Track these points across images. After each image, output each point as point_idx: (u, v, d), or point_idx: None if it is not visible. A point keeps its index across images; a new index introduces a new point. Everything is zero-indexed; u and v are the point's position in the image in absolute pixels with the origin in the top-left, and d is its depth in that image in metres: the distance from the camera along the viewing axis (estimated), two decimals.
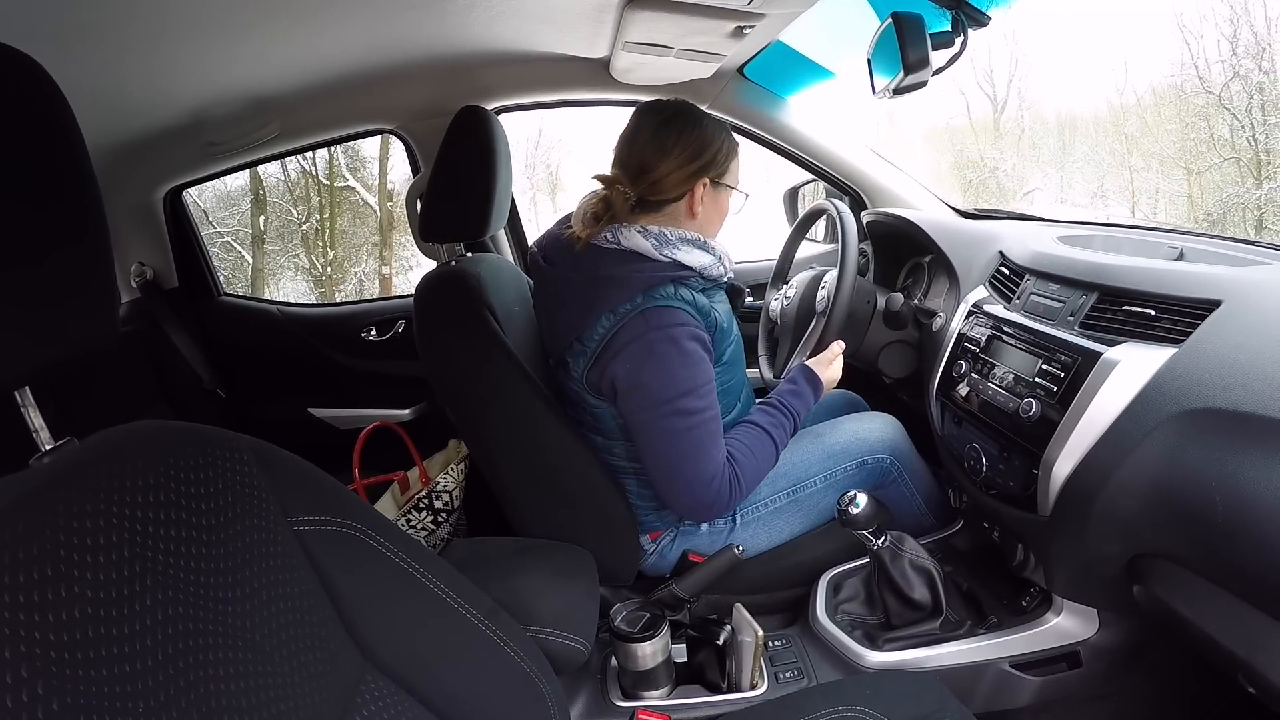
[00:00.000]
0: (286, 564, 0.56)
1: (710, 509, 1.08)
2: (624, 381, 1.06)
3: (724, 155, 1.14)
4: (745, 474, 1.09)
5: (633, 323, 1.05)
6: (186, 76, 1.41)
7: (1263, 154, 7.64)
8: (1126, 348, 0.89)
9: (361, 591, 0.61)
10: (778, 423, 1.16)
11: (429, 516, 1.60)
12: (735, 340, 1.18)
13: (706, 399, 1.06)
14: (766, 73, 1.65)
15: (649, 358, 1.04)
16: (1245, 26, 7.54)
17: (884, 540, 1.07)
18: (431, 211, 1.25)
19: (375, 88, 1.70)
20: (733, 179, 1.17)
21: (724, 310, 1.15)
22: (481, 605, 0.73)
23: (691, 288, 1.09)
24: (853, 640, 1.10)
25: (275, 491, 0.58)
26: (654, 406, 1.05)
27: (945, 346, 1.23)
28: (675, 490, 1.08)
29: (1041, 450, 0.95)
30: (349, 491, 0.66)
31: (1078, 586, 1.04)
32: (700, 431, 1.05)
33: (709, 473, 1.06)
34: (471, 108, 1.24)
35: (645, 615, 1.02)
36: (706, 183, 1.13)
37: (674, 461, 1.06)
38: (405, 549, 0.66)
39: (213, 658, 0.48)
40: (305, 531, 0.59)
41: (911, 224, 1.40)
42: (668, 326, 1.04)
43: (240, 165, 1.90)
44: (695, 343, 1.06)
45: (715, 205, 1.16)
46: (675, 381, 1.04)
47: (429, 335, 1.18)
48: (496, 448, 1.17)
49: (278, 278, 8.39)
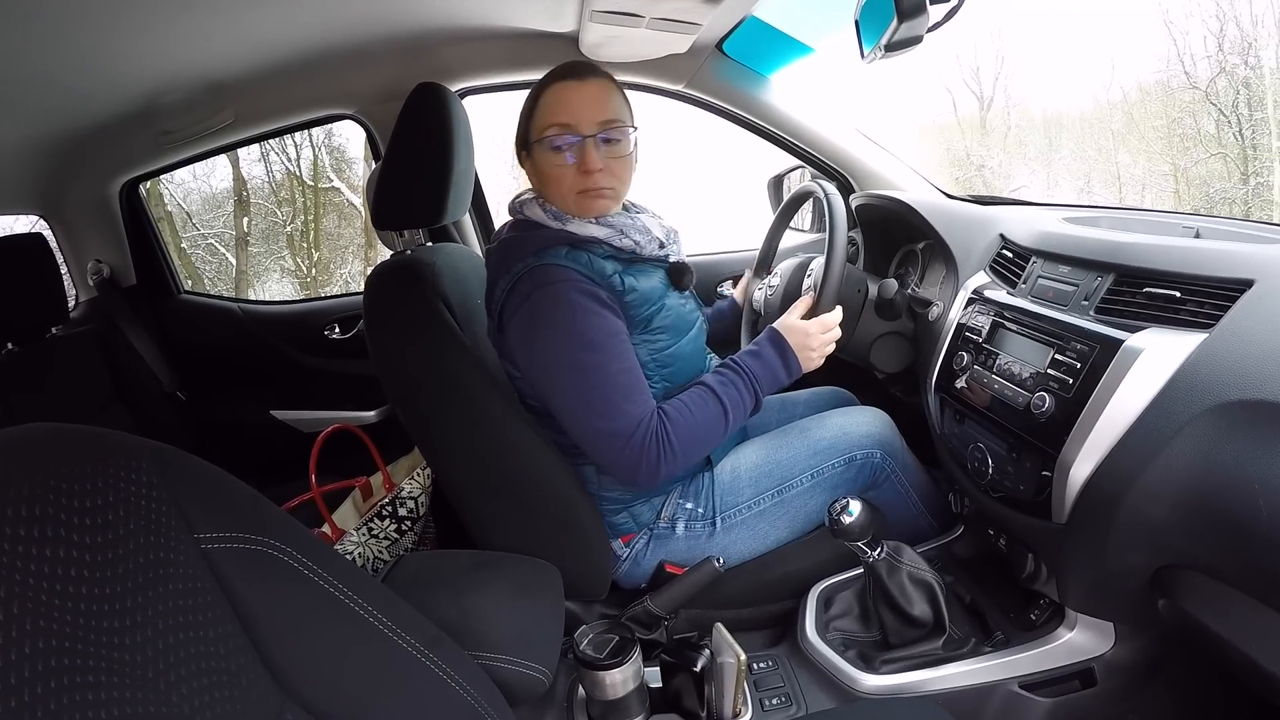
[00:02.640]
0: (191, 588, 0.50)
1: (637, 469, 0.98)
2: (519, 346, 1.02)
3: (524, 115, 1.08)
4: (678, 430, 1.00)
5: (521, 283, 1.00)
6: (135, 60, 1.36)
7: (1249, 149, 7.69)
8: (1150, 334, 0.81)
9: (281, 619, 0.55)
10: (726, 381, 1.05)
11: (392, 525, 1.51)
12: (664, 309, 1.09)
13: (609, 352, 0.99)
14: (747, 49, 1.55)
15: (536, 317, 0.99)
16: (1231, 22, 7.58)
17: (879, 552, 0.97)
18: (384, 197, 1.16)
19: (332, 69, 1.63)
20: (535, 130, 1.06)
21: (648, 282, 1.08)
22: (421, 632, 0.66)
23: (594, 253, 1.04)
24: (846, 662, 1.00)
25: (179, 505, 0.52)
26: (551, 366, 1.00)
27: (944, 337, 1.13)
28: (595, 450, 1.01)
29: (1056, 450, 0.85)
30: (269, 504, 0.59)
31: (1094, 599, 0.95)
32: (606, 386, 0.98)
33: (623, 427, 0.98)
34: (428, 84, 1.14)
35: (614, 638, 0.91)
36: (524, 155, 1.10)
37: (585, 419, 0.99)
38: (333, 570, 0.59)
39: (97, 698, 0.42)
40: (215, 551, 0.52)
41: (905, 206, 1.30)
42: (552, 283, 0.99)
43: (196, 155, 1.84)
44: (585, 296, 0.99)
45: (534, 173, 1.09)
46: (565, 335, 0.98)
47: (377, 330, 1.08)
48: (451, 452, 1.07)
49: (263, 280, 8.40)
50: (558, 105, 1.04)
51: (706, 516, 1.14)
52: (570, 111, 1.03)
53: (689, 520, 1.14)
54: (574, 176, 1.04)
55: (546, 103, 1.04)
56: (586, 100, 1.03)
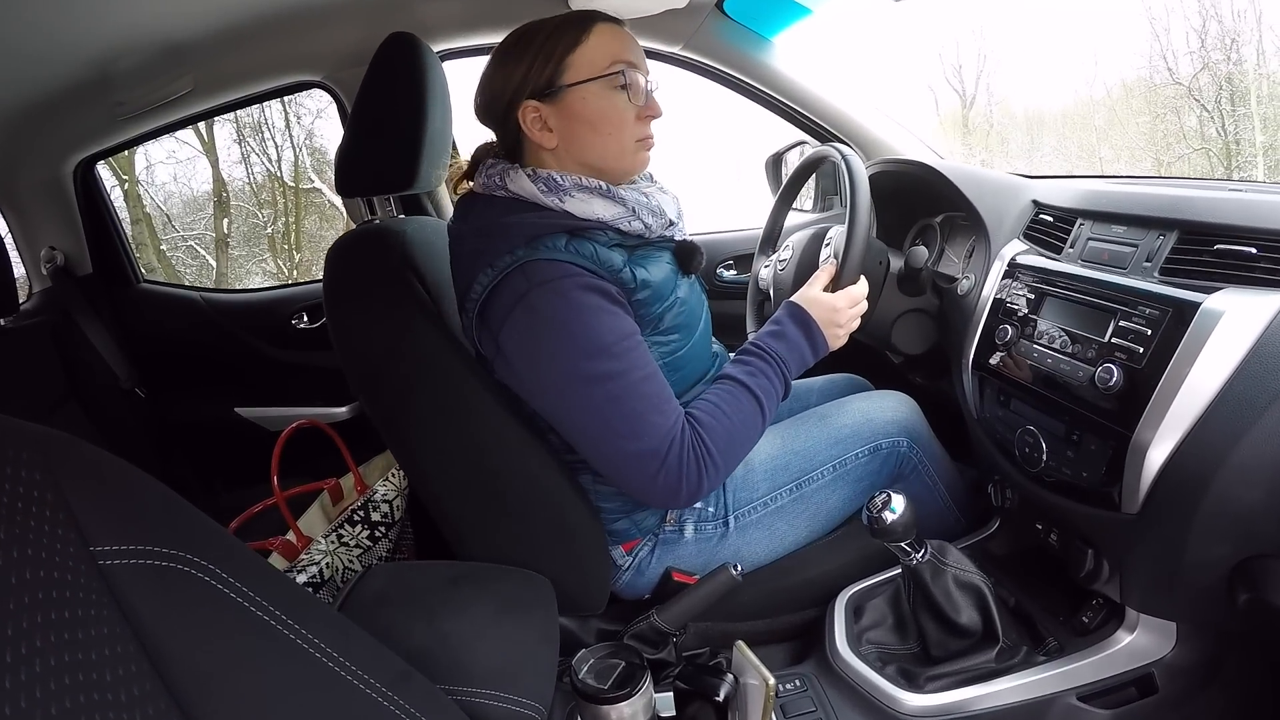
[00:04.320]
0: (85, 615, 0.40)
1: (677, 491, 0.85)
2: (518, 357, 0.86)
3: (544, 58, 0.88)
4: (715, 437, 0.86)
5: (511, 279, 0.84)
6: (86, 21, 1.26)
7: (1232, 144, 7.73)
8: (1227, 294, 0.73)
9: (201, 656, 0.45)
10: (754, 370, 0.92)
11: (364, 531, 1.38)
12: (678, 304, 0.94)
13: (626, 358, 0.84)
14: (748, 9, 1.44)
15: (536, 322, 0.83)
16: (1214, 19, 7.62)
17: (924, 553, 0.85)
18: (349, 160, 1.04)
19: (297, 30, 1.52)
20: (583, 70, 0.88)
21: (659, 271, 0.93)
22: (384, 669, 0.56)
23: (598, 243, 0.88)
24: (885, 679, 0.88)
25: (71, 510, 0.42)
26: (560, 381, 0.85)
27: (980, 312, 1.02)
28: (625, 476, 0.86)
29: (1130, 430, 0.74)
30: (190, 509, 0.50)
31: (1161, 598, 0.84)
32: (630, 397, 0.84)
33: (655, 445, 0.83)
34: (400, 34, 1.03)
35: (620, 664, 0.77)
36: (533, 105, 0.89)
37: (607, 442, 0.85)
38: (269, 593, 0.50)
39: None
40: (116, 568, 0.43)
41: (928, 170, 1.19)
42: (552, 280, 0.83)
43: (155, 130, 1.72)
44: (593, 293, 0.84)
45: (574, 121, 0.89)
46: (574, 342, 0.83)
47: (338, 308, 0.95)
48: (425, 448, 0.93)
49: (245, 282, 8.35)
50: (619, 43, 0.90)
51: (718, 516, 1.01)
52: (633, 52, 0.91)
53: (699, 522, 1.01)
54: (634, 123, 0.91)
55: (602, 39, 0.89)
56: (638, 45, 0.93)
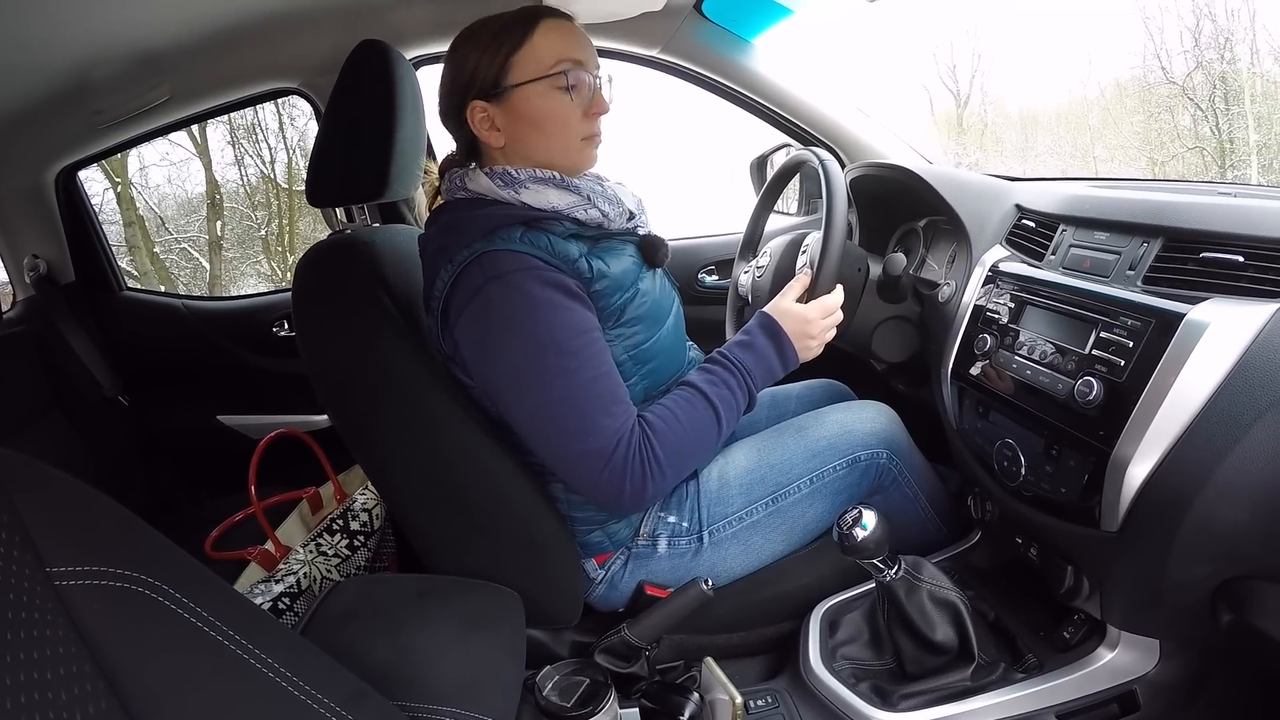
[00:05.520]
0: (41, 634, 0.41)
1: (620, 493, 0.84)
2: (472, 351, 0.86)
3: (490, 57, 0.89)
4: (664, 443, 0.85)
5: (469, 273, 0.84)
6: (61, 31, 1.26)
7: (1225, 143, 7.72)
8: (1213, 305, 0.70)
9: (155, 676, 0.46)
10: (715, 380, 0.91)
11: (343, 540, 1.36)
12: (638, 295, 0.94)
13: (579, 356, 0.84)
14: (727, 11, 1.41)
15: (490, 315, 0.83)
16: (1207, 18, 7.62)
17: (897, 570, 0.83)
18: (319, 170, 1.01)
19: (273, 38, 1.51)
20: (527, 69, 0.88)
21: (620, 264, 0.93)
22: (338, 688, 0.56)
23: (554, 234, 0.88)
24: (858, 697, 0.86)
25: (29, 532, 0.43)
26: (511, 376, 0.85)
27: (960, 319, 1.00)
28: (570, 472, 0.86)
29: (1108, 446, 0.72)
30: (146, 529, 0.51)
31: (1143, 616, 0.82)
32: (579, 397, 0.83)
33: (601, 446, 0.83)
34: (370, 42, 1.01)
35: (584, 681, 0.76)
36: (480, 105, 0.90)
37: (556, 439, 0.85)
38: (224, 614, 0.50)
39: None
40: (72, 588, 0.44)
41: (909, 175, 1.17)
42: (508, 273, 0.83)
43: (135, 138, 1.71)
44: (550, 287, 0.84)
45: (519, 121, 0.90)
46: (527, 338, 0.83)
47: (305, 320, 0.93)
48: (392, 463, 0.92)
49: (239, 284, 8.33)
50: (564, 41, 0.90)
51: (692, 531, 0.99)
52: (580, 48, 0.91)
53: (672, 536, 0.99)
54: (579, 121, 0.91)
55: (547, 38, 0.89)
56: (586, 40, 0.92)
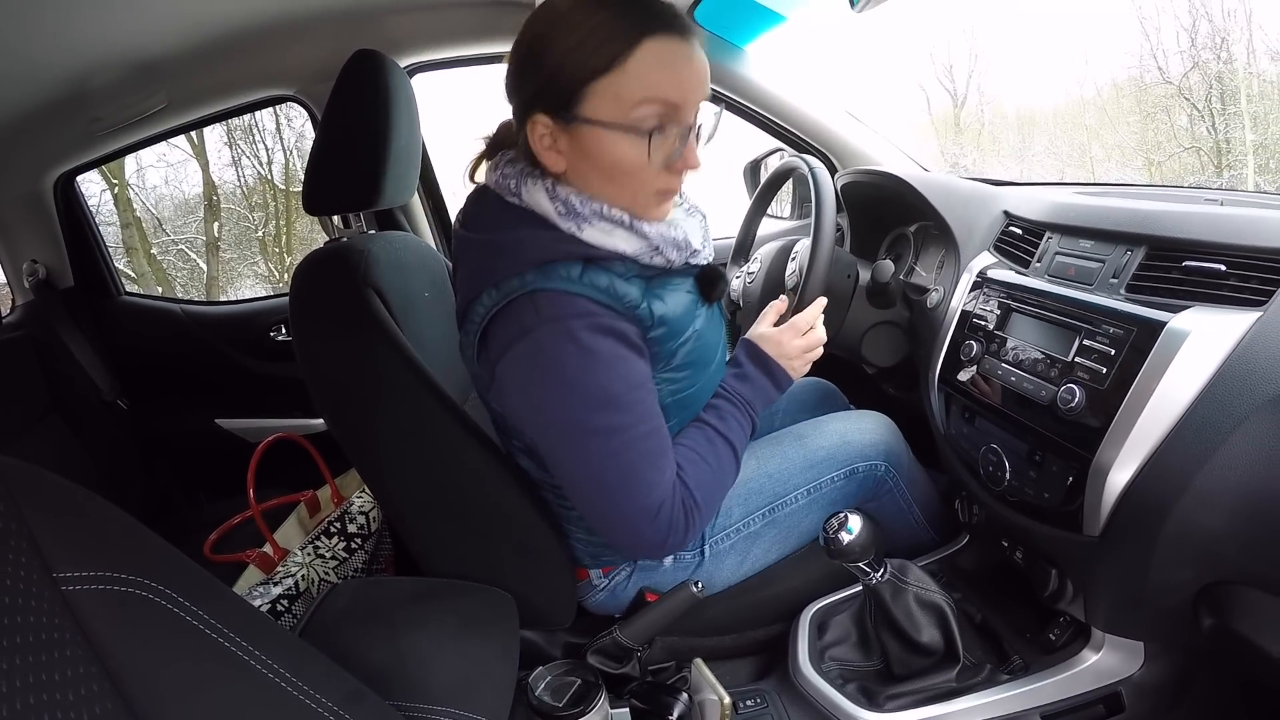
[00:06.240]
0: (49, 639, 0.42)
1: (662, 545, 0.80)
2: (516, 393, 0.79)
3: (570, 68, 0.72)
4: (701, 493, 0.81)
5: (518, 307, 0.75)
6: (59, 40, 1.29)
7: (1222, 143, 7.73)
8: (1194, 314, 0.71)
9: (158, 677, 0.47)
10: (725, 415, 0.87)
11: (341, 543, 1.38)
12: (695, 338, 0.85)
13: (634, 411, 0.77)
14: (719, 18, 1.42)
15: (541, 362, 0.75)
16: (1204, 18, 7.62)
17: (883, 573, 0.84)
18: (315, 177, 1.02)
19: (269, 46, 1.54)
20: (605, 106, 0.73)
21: (678, 303, 0.83)
22: (336, 688, 0.57)
23: (615, 274, 0.78)
24: (845, 697, 0.87)
25: (34, 537, 0.44)
26: (561, 428, 0.77)
27: (947, 325, 1.01)
28: (612, 530, 0.80)
29: (1090, 452, 0.74)
30: (149, 535, 0.52)
31: (1126, 618, 0.84)
32: (631, 453, 0.77)
33: (650, 503, 0.77)
34: (365, 51, 1.02)
35: (575, 681, 0.77)
36: (544, 121, 0.76)
37: (602, 495, 0.78)
38: (225, 617, 0.52)
39: None
40: (79, 593, 0.45)
41: (898, 181, 1.18)
42: (564, 319, 0.74)
43: (133, 145, 1.75)
44: (608, 336, 0.76)
45: (584, 158, 0.76)
46: (583, 393, 0.75)
47: (302, 328, 0.94)
48: (387, 468, 0.93)
49: (236, 286, 8.32)
50: (663, 72, 0.73)
51: (695, 545, 0.98)
52: (679, 86, 0.74)
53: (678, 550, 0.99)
54: (658, 175, 0.77)
55: (643, 65, 0.72)
56: (697, 73, 0.75)
